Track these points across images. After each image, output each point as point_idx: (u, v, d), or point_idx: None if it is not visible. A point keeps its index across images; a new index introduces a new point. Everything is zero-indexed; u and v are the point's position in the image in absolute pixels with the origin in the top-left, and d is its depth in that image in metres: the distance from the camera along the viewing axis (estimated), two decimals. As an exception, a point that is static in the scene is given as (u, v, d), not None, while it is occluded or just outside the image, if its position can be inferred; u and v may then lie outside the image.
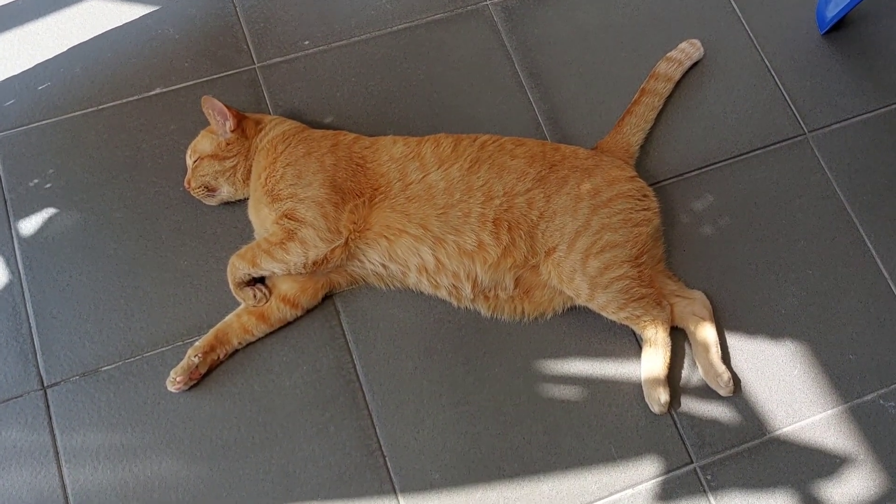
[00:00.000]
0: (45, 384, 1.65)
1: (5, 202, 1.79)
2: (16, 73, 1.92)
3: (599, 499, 1.61)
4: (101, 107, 1.89)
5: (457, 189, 1.66)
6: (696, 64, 1.97)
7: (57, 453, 1.60)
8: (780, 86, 1.98)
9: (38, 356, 1.67)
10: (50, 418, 1.63)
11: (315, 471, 1.61)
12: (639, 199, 1.71)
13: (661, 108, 1.90)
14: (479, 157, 1.69)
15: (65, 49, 1.94)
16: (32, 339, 1.68)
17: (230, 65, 1.95)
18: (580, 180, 1.68)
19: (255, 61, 1.96)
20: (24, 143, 1.85)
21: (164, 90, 1.91)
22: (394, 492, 1.60)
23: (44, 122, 1.87)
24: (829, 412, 1.69)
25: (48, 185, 1.81)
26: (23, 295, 1.72)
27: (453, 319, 1.74)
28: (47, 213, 1.79)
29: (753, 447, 1.66)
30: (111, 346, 1.68)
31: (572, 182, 1.68)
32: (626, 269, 1.64)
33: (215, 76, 1.93)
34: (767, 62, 2.01)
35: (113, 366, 1.67)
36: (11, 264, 1.74)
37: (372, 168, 1.69)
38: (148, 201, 1.81)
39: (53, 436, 1.62)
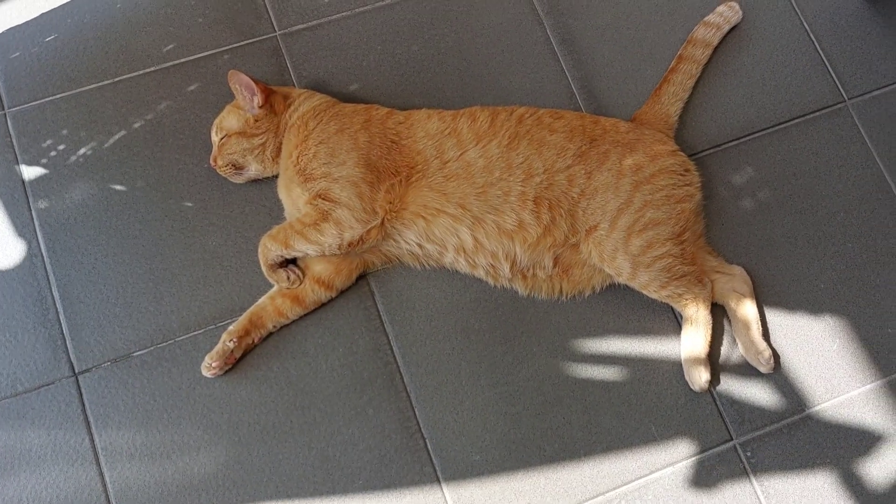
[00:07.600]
0: (76, 371, 1.62)
1: (23, 183, 1.72)
2: (19, 23, 1.84)
3: (640, 477, 1.61)
4: (116, 79, 1.81)
5: (496, 167, 1.60)
6: (734, 28, 1.90)
7: (93, 440, 1.58)
8: (820, 51, 1.92)
9: (67, 342, 1.63)
10: (83, 405, 1.60)
11: (355, 454, 1.60)
12: (681, 175, 1.66)
13: (699, 75, 1.84)
14: (518, 132, 1.63)
15: (76, 18, 1.85)
16: (60, 325, 1.64)
17: (250, 33, 1.86)
18: (622, 155, 1.63)
19: (276, 28, 1.87)
20: (38, 118, 1.77)
21: (183, 60, 1.83)
22: (435, 474, 1.59)
23: (57, 96, 1.78)
24: (869, 387, 1.68)
25: (67, 164, 1.74)
26: (47, 279, 1.67)
27: (490, 299, 1.70)
28: (67, 193, 1.72)
29: (793, 423, 1.66)
30: (142, 331, 1.65)
31: (614, 157, 1.63)
32: (668, 247, 1.61)
33: (235, 45, 1.85)
34: (807, 26, 1.94)
35: (145, 351, 1.63)
36: (34, 247, 1.68)
37: (407, 145, 1.63)
38: (172, 179, 1.74)
39: (88, 423, 1.59)
